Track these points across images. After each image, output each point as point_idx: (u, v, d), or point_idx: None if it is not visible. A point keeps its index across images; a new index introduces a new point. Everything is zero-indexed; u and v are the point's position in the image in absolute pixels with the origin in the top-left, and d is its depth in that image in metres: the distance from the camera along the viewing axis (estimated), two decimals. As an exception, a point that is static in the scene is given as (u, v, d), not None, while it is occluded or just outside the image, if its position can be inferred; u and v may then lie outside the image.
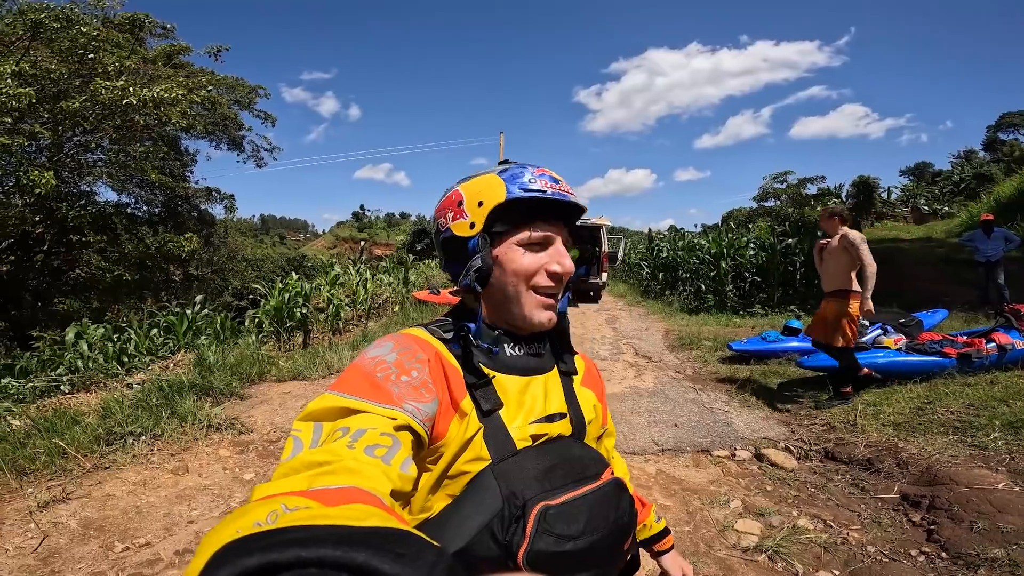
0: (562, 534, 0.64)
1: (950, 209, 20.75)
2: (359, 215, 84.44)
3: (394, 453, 0.55)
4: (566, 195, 0.78)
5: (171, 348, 7.18)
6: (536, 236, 0.78)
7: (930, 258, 12.19)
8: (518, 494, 0.65)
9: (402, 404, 0.63)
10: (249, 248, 27.52)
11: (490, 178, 0.80)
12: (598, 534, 0.67)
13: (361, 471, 0.50)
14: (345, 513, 0.37)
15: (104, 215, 12.58)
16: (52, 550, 2.52)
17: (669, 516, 2.88)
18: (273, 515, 0.36)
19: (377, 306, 11.49)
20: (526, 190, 0.76)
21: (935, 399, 4.03)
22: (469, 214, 0.79)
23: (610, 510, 0.71)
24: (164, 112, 9.72)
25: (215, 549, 0.30)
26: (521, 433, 0.73)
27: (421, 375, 0.69)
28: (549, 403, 0.79)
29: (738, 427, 4.18)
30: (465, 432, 0.70)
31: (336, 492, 0.45)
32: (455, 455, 0.69)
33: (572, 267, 0.81)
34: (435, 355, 0.74)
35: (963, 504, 2.61)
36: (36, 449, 3.38)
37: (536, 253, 0.79)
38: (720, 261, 11.36)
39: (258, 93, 16.37)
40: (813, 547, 2.52)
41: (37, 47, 8.84)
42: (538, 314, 0.79)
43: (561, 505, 0.66)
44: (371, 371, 0.67)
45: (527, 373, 0.80)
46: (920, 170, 38.26)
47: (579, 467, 0.73)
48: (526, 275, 0.78)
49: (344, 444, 0.54)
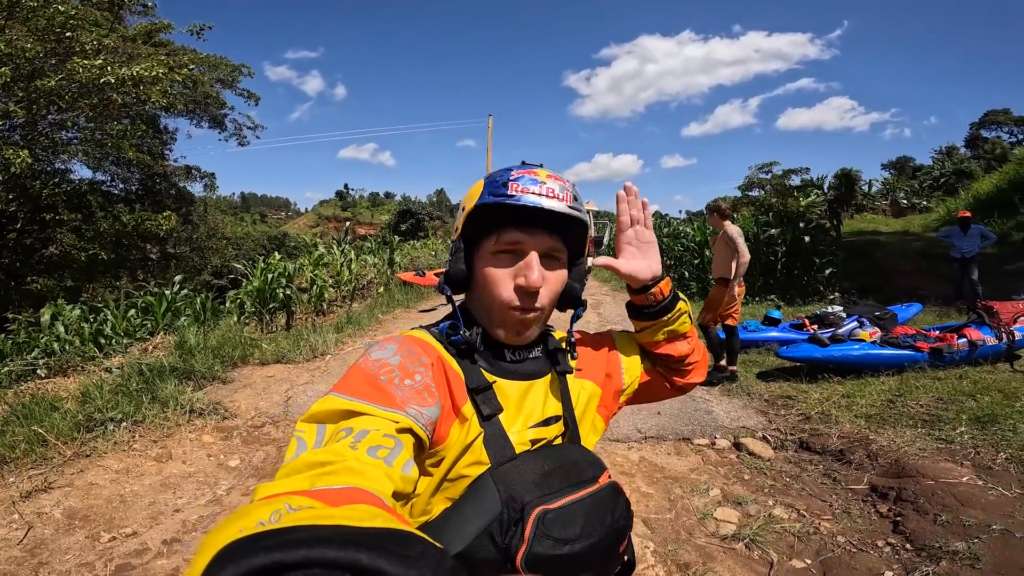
0: (560, 537, 0.64)
1: (928, 204, 21.16)
2: (343, 194, 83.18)
3: (396, 455, 0.56)
4: (539, 200, 0.72)
5: (149, 329, 7.03)
6: (505, 244, 0.75)
7: (907, 252, 12.47)
8: (517, 498, 0.66)
9: (405, 408, 0.63)
10: (229, 226, 27.04)
11: (479, 183, 0.79)
12: (595, 537, 0.67)
13: (363, 472, 0.50)
14: (349, 513, 0.37)
15: (79, 193, 12.25)
16: (38, 541, 2.50)
17: (652, 503, 2.96)
18: (276, 515, 0.36)
19: (361, 287, 11.41)
20: (495, 195, 0.74)
21: (906, 392, 4.17)
22: (457, 219, 0.80)
23: (606, 513, 0.71)
24: (144, 91, 9.45)
25: (218, 548, 0.30)
26: (520, 438, 0.75)
27: (424, 379, 0.69)
28: (547, 406, 0.80)
29: (718, 415, 4.27)
30: (466, 437, 0.71)
31: (339, 492, 0.45)
32: (455, 459, 0.70)
33: (540, 281, 0.75)
34: (438, 359, 0.74)
35: (928, 497, 2.72)
36: (15, 437, 3.32)
37: (507, 264, 0.76)
38: (704, 249, 11.47)
39: (241, 72, 16.00)
40: (787, 536, 2.61)
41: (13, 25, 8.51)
42: (507, 331, 0.77)
43: (559, 509, 0.66)
44: (375, 373, 0.67)
45: (527, 378, 0.80)
46: (901, 164, 38.87)
47: (576, 471, 0.73)
48: (494, 286, 0.76)
49: (347, 445, 0.54)
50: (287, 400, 4.61)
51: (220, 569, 0.28)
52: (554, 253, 0.78)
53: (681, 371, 0.97)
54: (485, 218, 0.76)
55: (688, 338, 0.95)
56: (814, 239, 10.05)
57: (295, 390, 4.90)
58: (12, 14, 8.28)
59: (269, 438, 3.85)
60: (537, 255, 0.75)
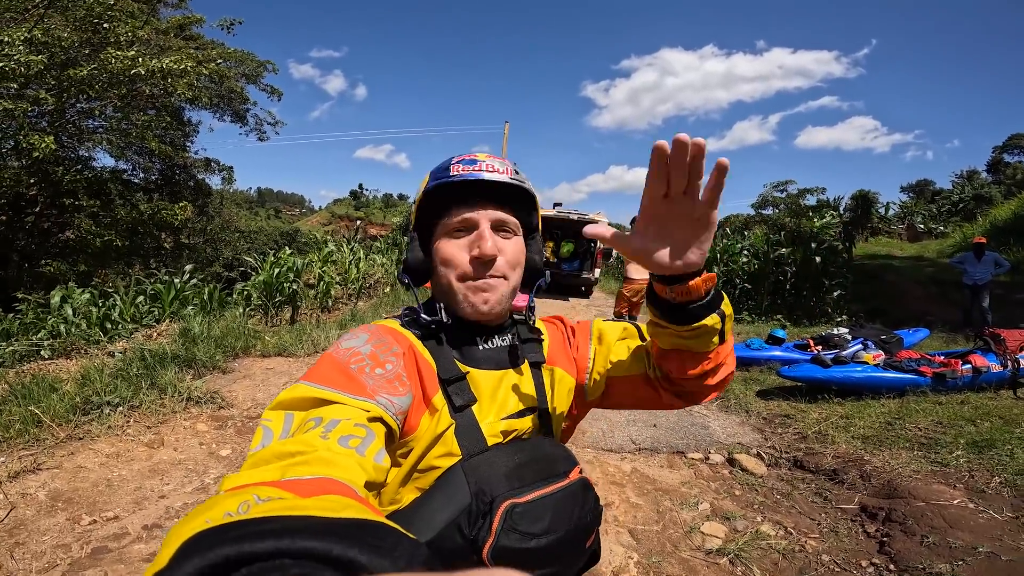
0: (527, 531, 0.64)
1: (945, 229, 20.90)
2: (357, 193, 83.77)
3: (368, 444, 0.55)
4: (478, 174, 0.74)
5: (156, 316, 7.12)
6: (454, 223, 0.77)
7: (919, 277, 12.31)
8: (486, 491, 0.66)
9: (376, 396, 0.63)
10: (243, 220, 27.31)
11: (425, 176, 0.81)
12: (562, 532, 0.68)
13: (335, 462, 0.49)
14: (320, 504, 0.36)
15: (100, 180, 12.46)
16: (18, 521, 2.51)
17: (640, 515, 2.94)
18: (244, 505, 0.36)
19: (368, 286, 11.47)
20: (437, 179, 0.76)
21: (905, 415, 4.10)
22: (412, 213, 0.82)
23: (575, 508, 0.71)
24: (171, 83, 9.64)
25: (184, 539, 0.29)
26: (492, 429, 0.74)
27: (396, 368, 0.69)
28: (521, 397, 0.79)
29: (714, 431, 4.24)
30: (436, 428, 0.71)
31: (310, 483, 0.45)
32: (425, 449, 0.70)
33: (496, 249, 0.75)
34: (409, 348, 0.75)
35: (917, 518, 2.68)
36: (11, 416, 3.34)
37: (459, 239, 0.77)
38: (713, 265, 11.41)
39: (266, 68, 16.24)
40: (772, 553, 2.57)
41: (51, 15, 8.70)
42: (471, 298, 0.76)
43: (527, 503, 0.66)
44: (345, 362, 0.67)
45: (500, 368, 0.80)
46: (921, 187, 38.46)
47: (548, 465, 0.73)
48: (449, 262, 0.77)
49: (317, 434, 0.53)
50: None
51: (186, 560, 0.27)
52: (505, 225, 0.79)
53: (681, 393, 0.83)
54: (434, 205, 0.79)
55: (705, 360, 0.76)
56: (825, 260, 9.97)
57: (293, 383, 4.92)
58: (52, 3, 8.44)
59: (262, 429, 3.87)
60: (488, 226, 0.76)
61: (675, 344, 0.75)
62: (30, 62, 7.42)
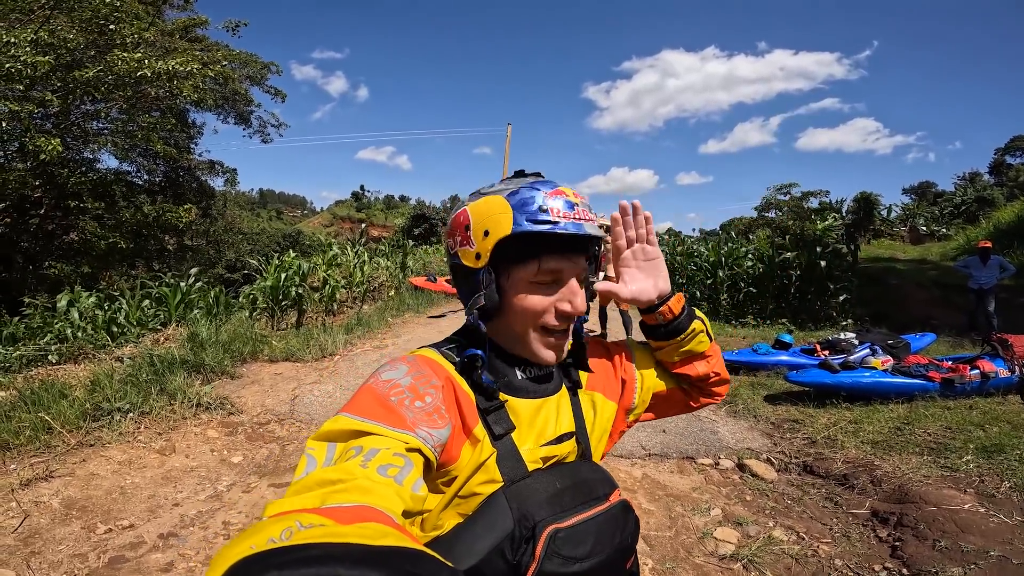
0: (570, 556, 0.65)
1: (948, 231, 20.86)
2: (359, 195, 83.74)
3: (406, 473, 0.56)
4: (581, 225, 0.72)
5: (162, 320, 7.13)
6: (546, 273, 0.74)
7: (922, 280, 12.29)
8: (529, 516, 0.67)
9: (415, 429, 0.63)
10: (246, 221, 27.36)
11: (498, 202, 0.73)
12: (604, 555, 0.69)
13: (374, 490, 0.50)
14: (360, 531, 0.37)
15: (105, 182, 12.49)
16: (33, 530, 2.50)
17: (652, 520, 2.95)
18: (288, 532, 0.36)
19: (373, 289, 11.47)
20: (535, 222, 0.70)
21: (914, 420, 4.10)
22: (475, 243, 0.74)
23: (616, 531, 0.72)
24: (176, 85, 9.62)
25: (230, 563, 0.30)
26: (532, 456, 0.75)
27: (435, 400, 0.69)
28: (559, 424, 0.80)
29: (723, 436, 4.24)
30: (478, 457, 0.71)
31: (349, 510, 0.45)
32: (467, 477, 0.70)
33: (584, 307, 0.76)
34: (447, 379, 0.74)
35: (929, 523, 2.69)
36: (21, 423, 3.34)
37: (546, 291, 0.75)
38: (718, 270, 11.41)
39: (270, 69, 16.24)
40: (785, 558, 2.58)
41: (57, 16, 8.69)
42: (544, 353, 0.77)
43: (570, 528, 0.67)
44: (385, 394, 0.67)
45: (539, 396, 0.80)
46: (923, 189, 38.42)
47: (588, 489, 0.74)
48: (533, 315, 0.75)
49: (357, 463, 0.54)
50: (293, 399, 4.64)
51: None
52: (583, 275, 0.78)
53: (703, 390, 0.97)
54: (516, 245, 0.72)
55: (707, 358, 0.93)
56: (830, 264, 9.95)
57: (302, 389, 4.93)
58: (58, 5, 8.42)
59: (273, 436, 3.87)
60: (576, 280, 0.76)
61: (680, 355, 0.91)
62: (36, 63, 7.40)
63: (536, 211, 0.71)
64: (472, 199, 0.78)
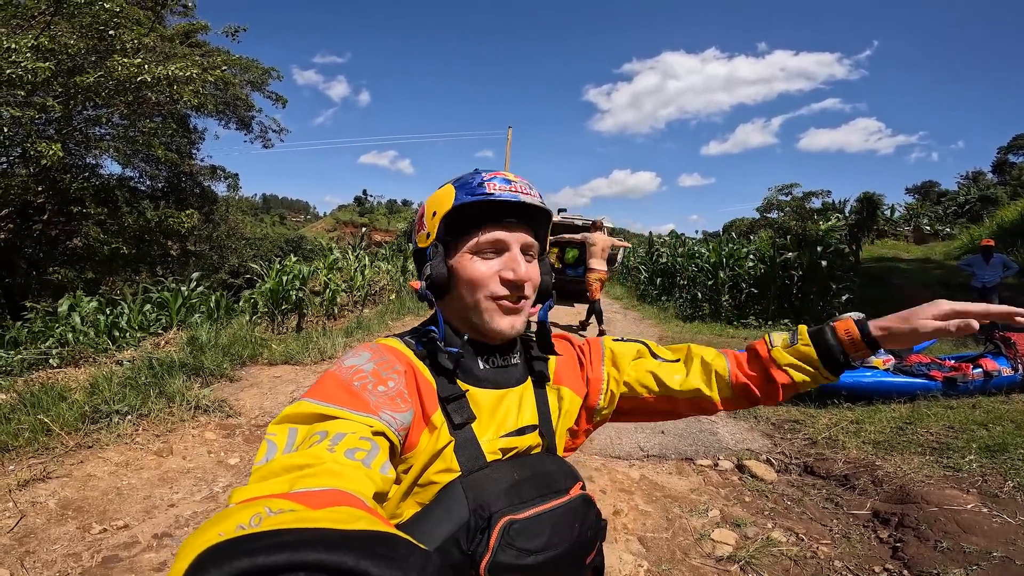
0: (524, 548, 0.65)
1: (952, 231, 20.77)
2: (361, 200, 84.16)
3: (374, 456, 0.56)
4: (516, 195, 0.76)
5: (163, 324, 7.15)
6: (485, 241, 0.77)
7: (926, 280, 12.24)
8: (485, 507, 0.67)
9: (379, 413, 0.64)
10: (249, 227, 27.42)
11: (446, 188, 0.80)
12: (560, 548, 0.68)
13: (343, 473, 0.50)
14: (331, 516, 0.36)
15: (107, 188, 12.53)
16: (28, 530, 2.51)
17: (649, 522, 2.92)
18: (257, 518, 0.36)
19: (374, 293, 11.47)
20: (473, 195, 0.75)
21: (916, 420, 4.07)
22: (426, 225, 0.80)
23: (575, 524, 0.72)
24: (177, 90, 9.65)
25: (198, 552, 0.29)
26: (491, 447, 0.75)
27: (397, 385, 0.69)
28: (521, 415, 0.80)
29: (723, 437, 4.21)
30: (435, 445, 0.71)
31: (320, 494, 0.45)
32: (425, 465, 0.71)
33: (527, 274, 0.77)
34: (409, 366, 0.75)
35: (931, 523, 2.66)
36: (20, 425, 3.35)
37: (489, 260, 0.78)
38: (719, 271, 11.38)
39: (271, 75, 16.28)
40: (783, 559, 2.55)
41: (58, 22, 8.74)
42: (498, 321, 0.78)
43: (526, 520, 0.67)
44: (348, 379, 0.67)
45: (501, 387, 0.80)
46: (926, 189, 38.25)
47: (547, 481, 0.74)
48: (479, 283, 0.77)
49: (324, 447, 0.54)
50: (292, 401, 4.63)
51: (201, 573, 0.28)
52: (531, 248, 0.80)
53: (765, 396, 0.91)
54: (459, 220, 0.77)
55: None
56: (831, 264, 9.91)
57: (300, 391, 4.93)
58: (59, 10, 8.46)
59: (270, 437, 3.87)
60: (519, 249, 0.78)
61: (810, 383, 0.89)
62: (37, 69, 7.42)
63: (475, 187, 0.76)
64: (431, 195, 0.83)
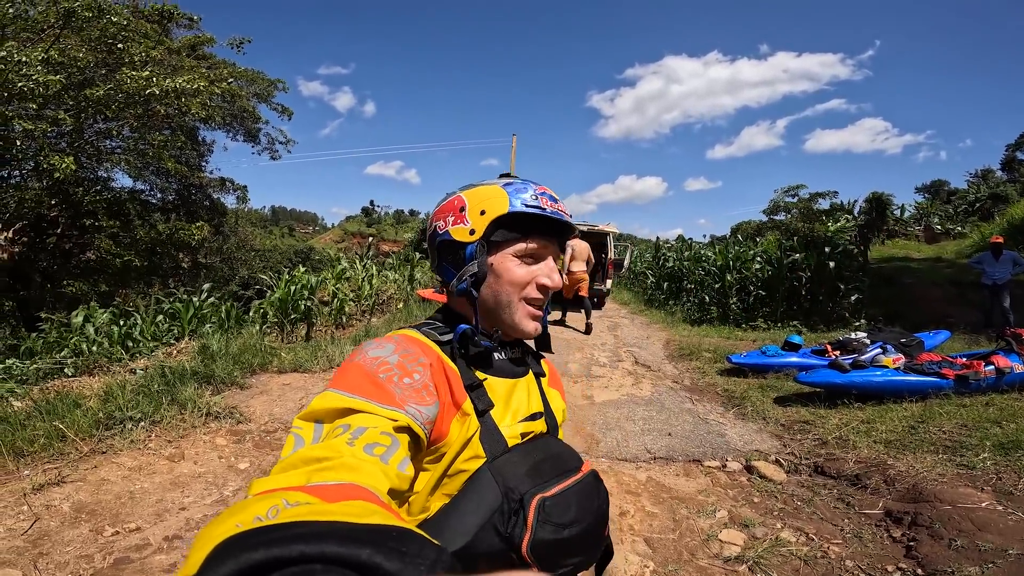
0: (560, 522, 0.68)
1: (963, 229, 20.53)
2: (369, 210, 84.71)
3: (392, 452, 0.57)
4: (562, 215, 0.83)
5: (176, 335, 7.25)
6: (532, 249, 0.83)
7: (938, 279, 12.10)
8: (514, 489, 0.69)
9: (404, 406, 0.65)
10: (258, 239, 27.62)
11: (495, 189, 0.83)
12: (586, 521, 0.72)
13: (360, 468, 0.50)
14: (346, 510, 0.37)
15: (119, 201, 12.73)
16: (42, 532, 2.54)
17: (656, 523, 2.91)
18: (274, 510, 0.36)
19: (382, 302, 11.53)
20: (528, 206, 0.80)
21: (928, 419, 4.02)
22: (471, 221, 0.82)
23: (593, 498, 0.76)
24: (185, 103, 9.81)
25: (215, 543, 0.30)
26: (511, 432, 0.78)
27: (423, 378, 0.71)
28: (531, 403, 0.84)
29: (731, 439, 4.19)
30: (466, 432, 0.73)
31: (335, 488, 0.45)
32: (456, 454, 0.72)
33: (560, 282, 0.86)
34: (437, 359, 0.77)
35: (945, 521, 2.63)
36: (36, 431, 3.40)
37: (529, 265, 0.84)
38: (726, 274, 11.31)
39: (276, 87, 16.48)
40: (793, 560, 2.53)
41: (67, 35, 8.92)
42: (526, 323, 0.84)
43: (555, 496, 0.70)
44: (374, 371, 0.68)
45: (513, 376, 0.85)
46: (936, 188, 37.81)
47: (562, 461, 0.78)
48: (520, 285, 0.83)
49: (344, 441, 0.55)
50: (301, 407, 4.68)
51: (219, 564, 0.28)
52: (557, 259, 0.89)
53: None
54: (508, 224, 0.82)
55: None
56: (839, 265, 9.83)
57: (309, 398, 4.96)
58: (67, 24, 8.62)
59: (280, 443, 3.90)
60: (552, 260, 0.86)
61: None
62: (48, 82, 7.56)
63: (530, 198, 0.82)
64: (465, 188, 0.87)
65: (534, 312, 0.84)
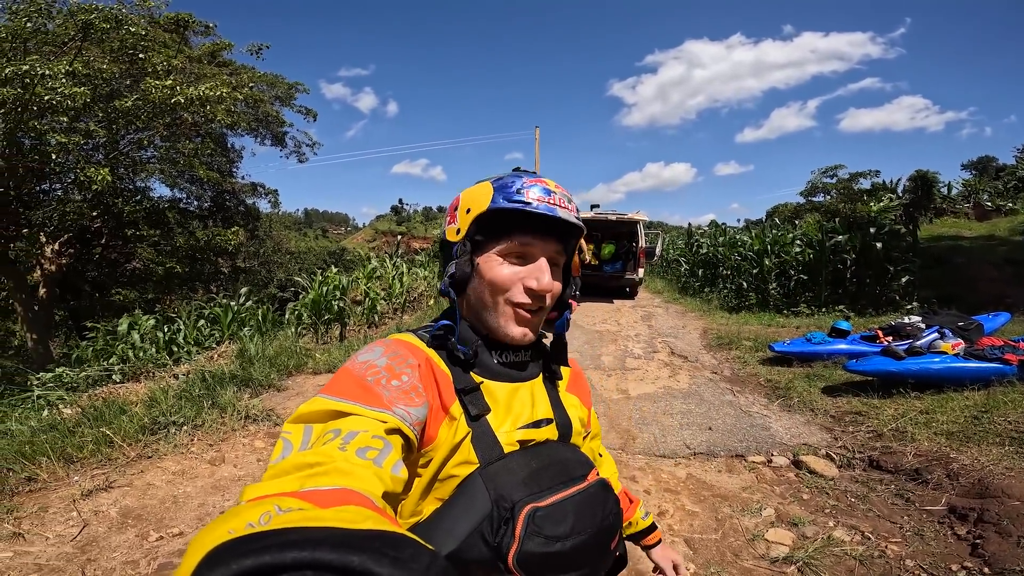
0: (550, 535, 0.65)
1: (1015, 205, 19.38)
2: (398, 209, 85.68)
3: (386, 455, 0.56)
4: (554, 209, 0.75)
5: (217, 339, 7.46)
6: (514, 248, 0.77)
7: (992, 257, 11.42)
8: (506, 497, 0.66)
9: (392, 408, 0.63)
10: (293, 241, 28.38)
11: (484, 186, 0.79)
12: (585, 534, 0.68)
13: (353, 473, 0.50)
14: (340, 515, 0.37)
15: (158, 210, 13.17)
16: (91, 538, 2.61)
17: (696, 523, 2.81)
18: (266, 516, 0.36)
19: (412, 299, 11.62)
20: (510, 201, 0.75)
21: (992, 408, 3.77)
22: (458, 220, 0.80)
23: (596, 510, 0.72)
24: (210, 110, 10.03)
25: (207, 550, 0.30)
26: (508, 438, 0.74)
27: (411, 379, 0.69)
28: (536, 409, 0.80)
29: (776, 432, 4.02)
30: (454, 436, 0.71)
31: (329, 493, 0.45)
32: (445, 459, 0.70)
33: (549, 285, 0.77)
34: (425, 360, 0.75)
35: (1013, 518, 2.46)
36: (84, 438, 3.52)
37: (515, 265, 0.78)
38: (763, 258, 10.96)
39: (297, 89, 16.70)
40: (847, 560, 2.40)
41: (88, 48, 9.17)
42: (511, 327, 0.78)
43: (549, 507, 0.67)
44: (362, 375, 0.67)
45: (514, 380, 0.81)
46: (983, 164, 35.91)
47: (565, 469, 0.74)
48: (501, 286, 0.77)
49: (336, 446, 0.54)
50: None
51: (210, 571, 0.28)
52: (557, 260, 0.81)
53: None
54: (492, 221, 0.77)
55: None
56: (887, 245, 9.35)
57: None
58: (87, 36, 8.84)
59: (317, 444, 3.95)
60: (545, 260, 0.78)
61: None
62: (75, 94, 7.77)
63: (513, 192, 0.76)
64: (468, 187, 0.83)
65: (522, 316, 0.78)
